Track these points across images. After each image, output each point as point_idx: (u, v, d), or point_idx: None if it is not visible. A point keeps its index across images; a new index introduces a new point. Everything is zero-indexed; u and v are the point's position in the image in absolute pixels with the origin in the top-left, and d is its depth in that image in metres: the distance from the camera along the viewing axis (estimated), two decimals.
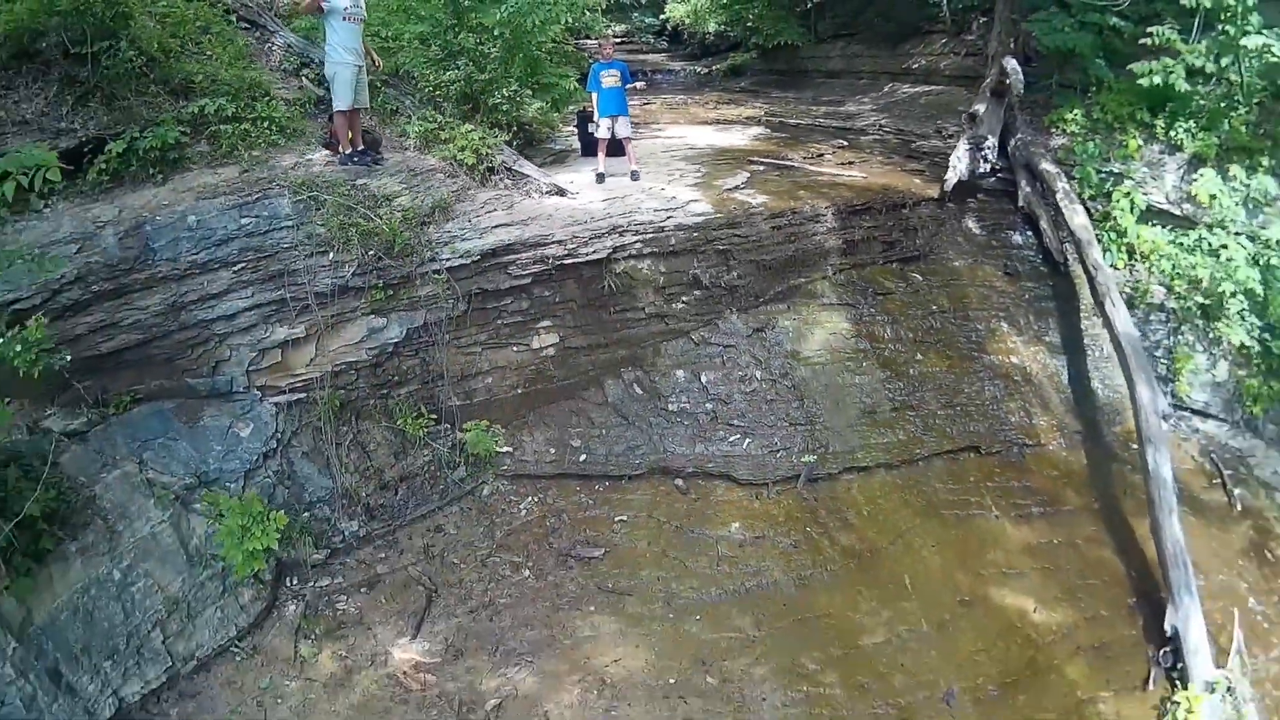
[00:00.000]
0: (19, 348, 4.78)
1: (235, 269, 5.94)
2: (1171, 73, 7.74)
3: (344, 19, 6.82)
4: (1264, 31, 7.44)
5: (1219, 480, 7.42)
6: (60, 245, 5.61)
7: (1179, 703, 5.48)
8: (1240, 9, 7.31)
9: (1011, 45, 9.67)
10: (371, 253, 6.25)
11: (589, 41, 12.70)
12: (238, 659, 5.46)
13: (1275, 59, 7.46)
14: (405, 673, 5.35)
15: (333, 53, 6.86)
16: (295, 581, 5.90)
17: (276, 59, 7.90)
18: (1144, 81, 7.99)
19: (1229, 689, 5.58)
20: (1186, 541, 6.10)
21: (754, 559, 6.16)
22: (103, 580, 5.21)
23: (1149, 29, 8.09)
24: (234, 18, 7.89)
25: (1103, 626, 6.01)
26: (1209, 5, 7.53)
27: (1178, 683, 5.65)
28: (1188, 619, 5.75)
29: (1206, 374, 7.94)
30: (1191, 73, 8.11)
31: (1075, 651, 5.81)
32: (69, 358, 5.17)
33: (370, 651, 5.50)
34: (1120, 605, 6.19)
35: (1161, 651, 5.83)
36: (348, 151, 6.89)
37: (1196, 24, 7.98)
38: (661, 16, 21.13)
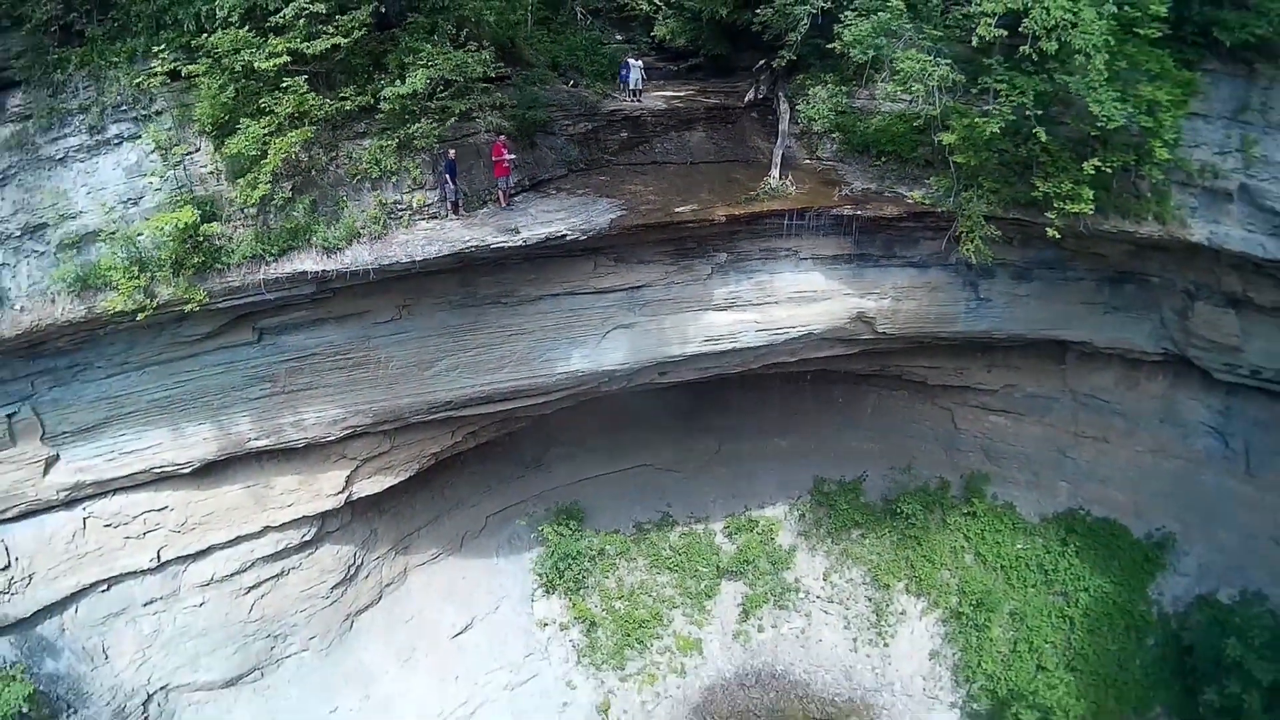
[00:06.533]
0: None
1: (561, 107, 26.25)
2: (783, 58, 27.58)
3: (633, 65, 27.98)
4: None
5: (818, 168, 27.15)
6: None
7: (767, 180, 25.13)
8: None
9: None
10: (589, 106, 26.62)
11: None
12: (561, 182, 25.36)
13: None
14: (603, 182, 25.23)
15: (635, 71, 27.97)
16: (567, 170, 25.85)
17: None
18: (782, 58, 27.86)
19: (785, 181, 25.14)
20: (786, 161, 25.79)
21: (678, 173, 26.10)
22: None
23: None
24: None
25: (753, 173, 25.75)
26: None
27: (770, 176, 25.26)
28: (775, 171, 25.42)
29: (830, 150, 27.63)
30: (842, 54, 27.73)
31: (746, 176, 25.63)
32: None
33: (591, 179, 25.38)
34: (763, 170, 25.87)
35: (767, 173, 25.48)
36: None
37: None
38: (652, 34, 34.06)
